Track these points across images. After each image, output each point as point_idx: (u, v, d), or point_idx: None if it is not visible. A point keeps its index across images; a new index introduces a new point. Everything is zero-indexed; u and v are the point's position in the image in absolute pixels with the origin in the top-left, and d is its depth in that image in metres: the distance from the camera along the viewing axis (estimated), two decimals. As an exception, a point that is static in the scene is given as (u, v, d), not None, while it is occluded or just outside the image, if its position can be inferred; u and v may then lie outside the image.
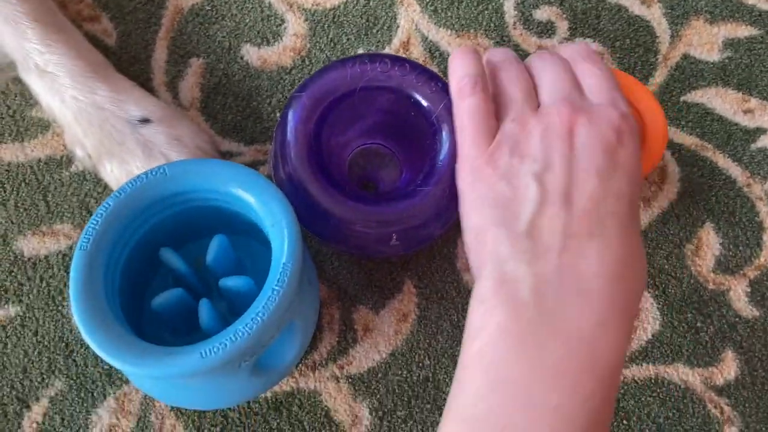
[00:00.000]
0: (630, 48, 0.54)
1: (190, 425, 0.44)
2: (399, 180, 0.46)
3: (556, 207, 0.33)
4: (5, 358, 0.45)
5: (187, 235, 0.42)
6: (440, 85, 0.42)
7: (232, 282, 0.39)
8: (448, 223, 0.42)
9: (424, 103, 0.42)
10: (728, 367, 0.47)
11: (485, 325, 0.32)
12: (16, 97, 0.50)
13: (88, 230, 0.36)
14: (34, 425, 0.44)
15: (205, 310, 0.39)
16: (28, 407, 0.44)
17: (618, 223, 0.33)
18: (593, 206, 0.33)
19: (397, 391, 0.45)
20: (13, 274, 0.46)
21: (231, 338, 0.34)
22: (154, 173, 0.38)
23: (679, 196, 0.51)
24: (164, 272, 0.43)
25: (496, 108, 0.38)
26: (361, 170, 0.47)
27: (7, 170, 0.48)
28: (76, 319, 0.34)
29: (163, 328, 0.41)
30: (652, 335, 0.47)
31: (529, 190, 0.33)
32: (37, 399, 0.44)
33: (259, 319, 0.34)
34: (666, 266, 0.49)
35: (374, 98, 0.43)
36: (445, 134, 0.41)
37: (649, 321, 0.48)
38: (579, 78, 0.38)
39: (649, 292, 0.48)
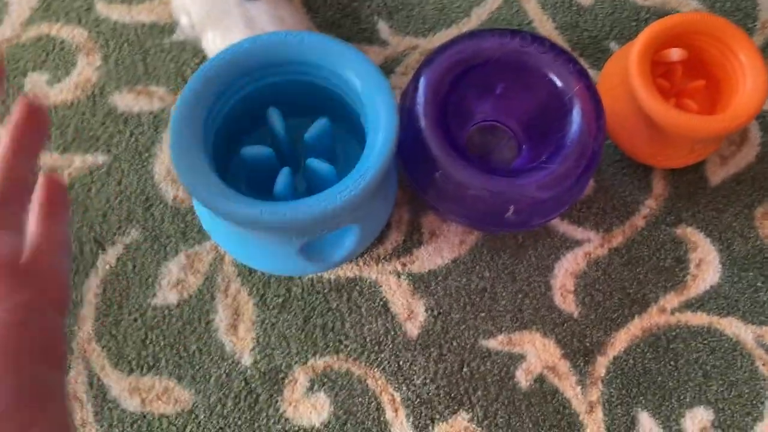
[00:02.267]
0: (729, 11, 0.54)
1: (254, 292, 0.45)
2: (515, 160, 0.46)
3: None
4: (88, 202, 0.47)
5: (292, 107, 0.43)
6: (577, 67, 0.42)
7: (317, 164, 0.40)
8: (569, 203, 0.42)
9: (558, 83, 0.42)
10: (782, 329, 0.47)
11: None
12: (130, -39, 0.51)
13: (216, 58, 0.37)
14: (108, 267, 0.45)
15: (282, 178, 0.39)
16: (103, 249, 0.46)
17: None
18: None
19: (454, 295, 0.46)
20: (105, 125, 0.48)
21: (288, 211, 0.34)
22: (293, 36, 0.38)
23: (757, 160, 0.51)
24: (261, 133, 0.43)
25: None
26: (477, 149, 0.47)
27: (112, 29, 0.50)
28: (170, 129, 0.35)
29: (243, 181, 0.42)
30: (711, 286, 0.48)
31: None
32: (113, 243, 0.46)
33: (322, 205, 0.35)
34: (734, 224, 0.49)
35: (508, 72, 0.43)
36: (575, 115, 0.41)
37: (710, 272, 0.48)
38: None
39: (713, 246, 0.49)
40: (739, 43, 0.45)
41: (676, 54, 0.46)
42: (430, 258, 0.47)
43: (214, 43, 0.47)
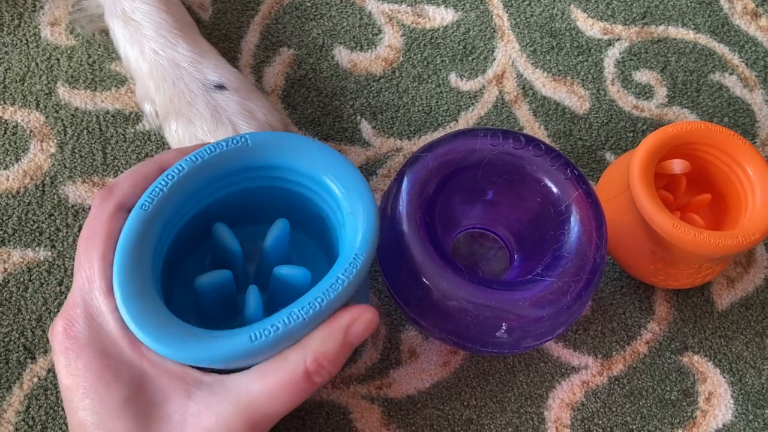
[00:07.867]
0: (728, 126, 0.52)
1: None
2: (506, 272, 0.42)
3: None
4: (22, 302, 0.41)
5: (240, 216, 0.38)
6: (576, 173, 0.39)
7: (288, 271, 0.35)
8: (566, 325, 0.38)
9: (554, 189, 0.39)
10: (805, 477, 0.42)
11: None
12: (99, 47, 0.48)
13: (154, 190, 0.33)
14: (35, 379, 0.39)
15: (253, 297, 0.35)
16: (33, 359, 0.40)
17: None
18: None
19: (435, 426, 0.40)
20: (52, 217, 0.43)
21: (284, 321, 0.30)
22: (235, 142, 0.35)
23: (766, 283, 0.47)
24: (204, 250, 0.38)
25: None
26: (463, 258, 0.43)
27: (72, 115, 0.46)
28: (116, 289, 0.30)
29: (190, 310, 0.37)
30: (723, 425, 0.42)
31: None
32: (45, 352, 0.40)
33: (317, 304, 0.31)
34: (745, 353, 0.45)
35: (499, 176, 0.40)
36: (573, 224, 0.37)
37: (721, 408, 0.43)
38: None
39: (724, 377, 0.44)
40: (745, 155, 0.42)
41: (678, 166, 0.43)
42: (408, 381, 0.42)
43: (176, 134, 0.43)
